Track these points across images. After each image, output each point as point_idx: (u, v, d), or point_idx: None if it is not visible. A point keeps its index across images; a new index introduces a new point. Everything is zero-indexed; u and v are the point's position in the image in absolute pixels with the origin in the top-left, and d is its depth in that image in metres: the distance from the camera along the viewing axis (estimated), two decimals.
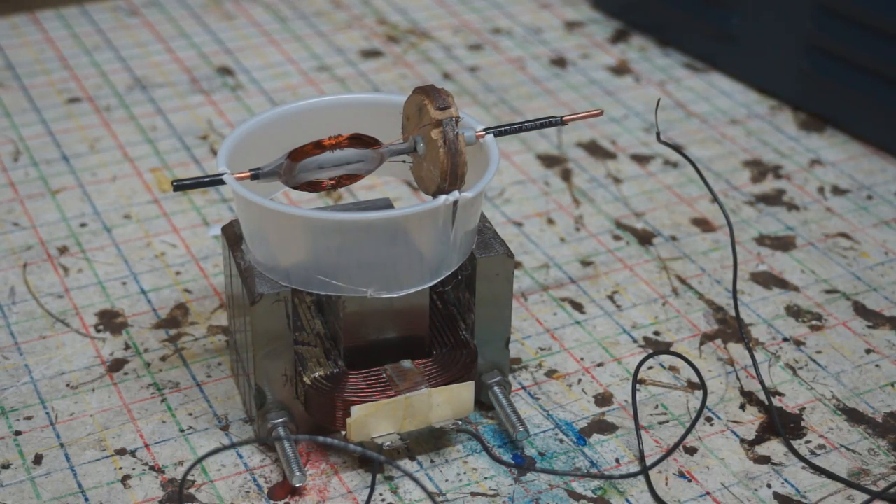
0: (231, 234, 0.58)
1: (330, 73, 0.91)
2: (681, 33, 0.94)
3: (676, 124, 0.85)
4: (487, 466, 0.58)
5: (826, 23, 0.82)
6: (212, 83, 0.89)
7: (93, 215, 0.75)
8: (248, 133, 0.58)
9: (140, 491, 0.56)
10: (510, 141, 0.82)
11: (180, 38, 0.95)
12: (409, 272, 0.55)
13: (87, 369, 0.63)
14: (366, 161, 0.55)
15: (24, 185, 0.78)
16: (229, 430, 0.60)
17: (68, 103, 0.86)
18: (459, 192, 0.54)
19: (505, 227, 0.74)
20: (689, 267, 0.71)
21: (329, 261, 0.54)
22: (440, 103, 0.54)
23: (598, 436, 0.60)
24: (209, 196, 0.77)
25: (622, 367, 0.64)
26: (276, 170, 0.55)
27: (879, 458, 0.59)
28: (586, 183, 0.79)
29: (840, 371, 0.64)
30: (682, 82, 0.90)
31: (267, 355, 0.56)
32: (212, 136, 0.83)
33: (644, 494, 0.56)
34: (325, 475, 0.57)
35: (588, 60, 0.93)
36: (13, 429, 0.60)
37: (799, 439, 0.60)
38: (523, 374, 0.63)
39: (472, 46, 0.95)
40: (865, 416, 0.61)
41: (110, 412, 0.61)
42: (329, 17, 0.99)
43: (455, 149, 0.53)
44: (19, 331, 0.66)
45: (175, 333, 0.66)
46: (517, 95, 0.88)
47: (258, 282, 0.55)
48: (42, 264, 0.71)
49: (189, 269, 0.71)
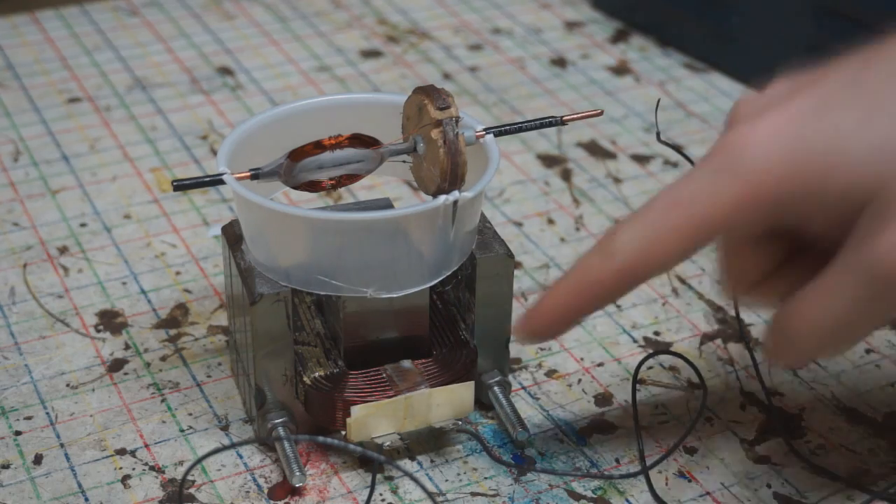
0: (231, 234, 0.58)
1: (330, 73, 0.91)
2: (681, 33, 0.94)
3: (676, 124, 0.85)
4: (487, 466, 0.58)
5: (826, 23, 0.82)
6: (212, 83, 0.89)
7: (93, 215, 0.75)
8: (248, 133, 0.58)
9: (140, 491, 0.56)
10: (510, 141, 0.82)
11: (180, 38, 0.95)
12: (409, 272, 0.55)
13: (87, 369, 0.63)
14: (366, 161, 0.55)
15: (24, 185, 0.78)
16: (229, 430, 0.60)
17: (68, 103, 0.86)
18: (459, 192, 0.54)
19: (505, 227, 0.74)
20: (690, 267, 0.71)
21: (329, 261, 0.54)
22: (440, 103, 0.54)
23: (598, 436, 0.60)
24: (209, 196, 0.77)
25: (622, 367, 0.64)
26: (276, 170, 0.55)
27: (879, 458, 0.59)
28: (586, 183, 0.79)
29: (840, 371, 0.64)
30: (682, 82, 0.90)
31: (267, 355, 0.56)
32: (212, 136, 0.83)
33: (644, 494, 0.56)
34: (325, 475, 0.57)
35: (588, 60, 0.93)
36: (13, 429, 0.60)
37: (799, 439, 0.60)
38: (523, 374, 0.64)
39: (472, 46, 0.95)
40: (865, 416, 0.61)
41: (110, 412, 0.61)
42: (329, 17, 0.99)
43: (455, 149, 0.53)
44: (19, 331, 0.66)
45: (175, 333, 0.66)
46: (517, 95, 0.88)
47: (258, 282, 0.55)
48: (42, 264, 0.71)
49: (189, 269, 0.71)
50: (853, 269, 0.44)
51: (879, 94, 0.44)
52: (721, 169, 0.46)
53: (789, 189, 0.45)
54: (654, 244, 0.47)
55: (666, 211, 0.47)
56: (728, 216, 0.46)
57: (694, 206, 0.46)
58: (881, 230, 0.43)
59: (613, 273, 0.48)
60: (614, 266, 0.48)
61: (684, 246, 0.47)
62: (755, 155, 0.45)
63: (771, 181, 0.45)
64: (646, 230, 0.47)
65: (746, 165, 0.45)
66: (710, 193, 0.46)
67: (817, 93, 0.46)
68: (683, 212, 0.47)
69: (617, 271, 0.48)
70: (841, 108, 0.45)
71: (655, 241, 0.47)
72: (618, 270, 0.48)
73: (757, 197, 0.45)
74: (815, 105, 0.45)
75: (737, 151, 0.45)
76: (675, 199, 0.47)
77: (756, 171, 0.45)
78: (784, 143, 0.45)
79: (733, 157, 0.45)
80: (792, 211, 0.46)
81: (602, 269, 0.49)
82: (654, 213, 0.47)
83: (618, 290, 0.49)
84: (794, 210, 0.46)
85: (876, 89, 0.45)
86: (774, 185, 0.45)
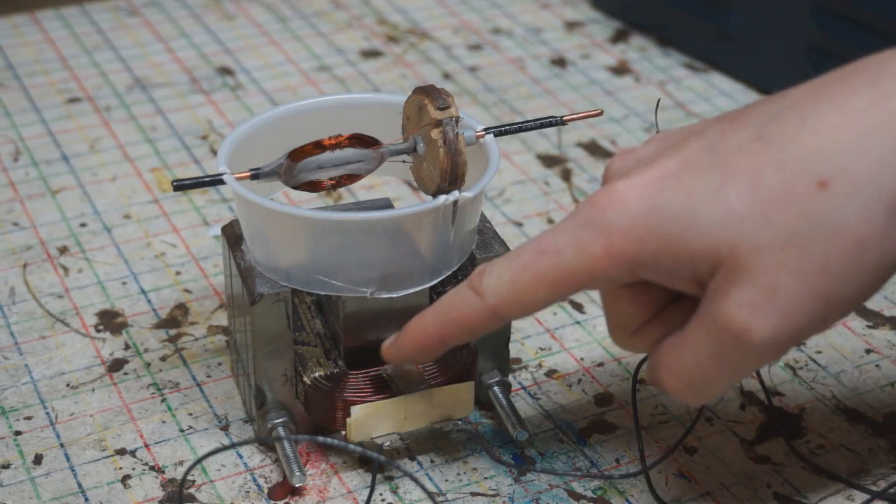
0: (231, 234, 0.58)
1: (330, 73, 0.91)
2: (681, 33, 0.94)
3: (676, 124, 0.85)
4: (487, 466, 0.58)
5: (826, 23, 0.82)
6: (212, 83, 0.89)
7: (93, 215, 0.75)
8: (248, 133, 0.58)
9: (140, 491, 0.56)
10: (510, 141, 0.82)
11: (180, 38, 0.95)
12: (409, 272, 0.55)
13: (87, 369, 0.63)
14: (366, 161, 0.55)
15: (24, 185, 0.78)
16: (229, 430, 0.60)
17: (68, 103, 0.86)
18: (459, 192, 0.54)
19: (505, 227, 0.74)
20: None
21: (329, 261, 0.54)
22: (440, 103, 0.54)
23: (598, 436, 0.60)
24: (209, 196, 0.77)
25: (622, 367, 0.64)
26: (275, 170, 0.55)
27: (879, 458, 0.59)
28: (586, 183, 0.79)
29: (840, 371, 0.64)
30: (682, 82, 0.90)
31: (267, 355, 0.56)
32: (212, 136, 0.83)
33: (644, 494, 0.56)
34: (325, 475, 0.57)
35: (588, 60, 0.93)
36: (13, 429, 0.60)
37: (799, 439, 0.60)
38: (523, 374, 0.64)
39: (472, 46, 0.95)
40: (865, 416, 0.61)
41: (110, 412, 0.61)
42: (329, 17, 0.99)
43: (455, 149, 0.53)
44: (19, 331, 0.66)
45: (175, 333, 0.66)
46: (517, 95, 0.88)
47: (258, 282, 0.55)
48: (42, 264, 0.71)
49: (189, 269, 0.71)
50: (707, 326, 0.47)
51: (731, 162, 0.46)
52: (587, 225, 0.48)
53: (646, 250, 0.47)
54: (520, 288, 0.50)
55: (535, 257, 0.49)
56: (591, 269, 0.48)
57: (560, 255, 0.49)
58: (729, 293, 0.46)
59: (480, 311, 0.51)
60: (482, 305, 0.51)
61: (549, 293, 0.49)
62: (616, 214, 0.47)
63: (629, 240, 0.47)
64: (514, 274, 0.50)
65: (609, 223, 0.47)
66: (576, 247, 0.48)
67: (680, 154, 0.48)
68: (550, 260, 0.49)
69: (484, 309, 0.51)
70: (697, 173, 0.47)
71: (523, 286, 0.50)
72: (485, 308, 0.51)
73: (617, 254, 0.48)
74: (675, 169, 0.47)
75: (601, 209, 0.48)
76: (544, 248, 0.49)
77: (617, 230, 0.47)
78: (642, 205, 0.47)
79: (598, 215, 0.48)
80: (651, 269, 0.48)
81: (471, 306, 0.51)
82: (523, 258, 0.50)
83: (483, 327, 0.51)
84: (653, 268, 0.48)
85: (730, 157, 0.47)
86: (633, 243, 0.47)
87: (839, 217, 0.45)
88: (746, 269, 0.45)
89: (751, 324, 0.45)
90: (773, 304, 0.45)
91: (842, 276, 0.45)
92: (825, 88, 0.47)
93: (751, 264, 0.45)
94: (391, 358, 0.55)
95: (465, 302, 0.51)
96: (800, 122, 0.46)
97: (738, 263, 0.46)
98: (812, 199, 0.45)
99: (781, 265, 0.45)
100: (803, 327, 0.46)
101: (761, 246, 0.45)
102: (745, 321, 0.45)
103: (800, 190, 0.45)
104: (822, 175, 0.45)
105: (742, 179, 0.46)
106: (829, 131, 0.46)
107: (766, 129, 0.47)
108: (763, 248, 0.45)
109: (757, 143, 0.46)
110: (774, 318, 0.45)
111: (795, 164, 0.45)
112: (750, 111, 0.48)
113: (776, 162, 0.46)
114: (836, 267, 0.45)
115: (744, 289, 0.45)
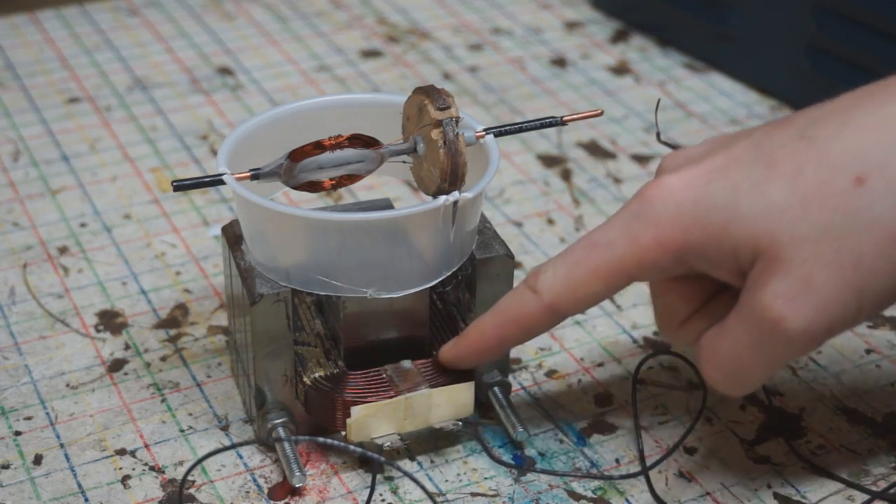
0: (231, 234, 0.58)
1: (330, 73, 0.91)
2: (681, 33, 0.94)
3: (676, 124, 0.85)
4: (487, 466, 0.58)
5: (826, 23, 0.82)
6: (212, 83, 0.89)
7: (93, 215, 0.75)
8: (248, 133, 0.58)
9: (140, 491, 0.56)
10: (510, 141, 0.82)
11: (180, 38, 0.95)
12: (409, 272, 0.55)
13: (87, 369, 0.63)
14: (366, 161, 0.55)
15: (24, 185, 0.78)
16: (229, 431, 0.60)
17: (68, 103, 0.86)
18: (459, 193, 0.54)
19: (505, 227, 0.74)
20: None
21: (329, 261, 0.54)
22: (440, 103, 0.54)
23: (598, 436, 0.60)
24: (209, 196, 0.77)
25: (622, 367, 0.64)
26: (276, 170, 0.55)
27: (879, 459, 0.59)
28: (586, 183, 0.79)
29: (840, 371, 0.64)
30: (682, 82, 0.90)
31: (267, 355, 0.56)
32: (212, 136, 0.83)
33: (644, 494, 0.56)
34: (325, 475, 0.57)
35: (588, 60, 0.93)
36: (13, 429, 0.60)
37: (799, 439, 0.60)
38: (523, 374, 0.64)
39: (472, 46, 0.95)
40: (865, 416, 0.61)
41: (110, 412, 0.61)
42: (329, 17, 0.99)
43: (455, 149, 0.53)
44: (19, 331, 0.66)
45: (175, 333, 0.66)
46: (517, 95, 0.88)
47: (258, 282, 0.55)
48: (42, 264, 0.71)
49: (189, 269, 0.71)
50: (745, 316, 0.49)
51: (775, 158, 0.48)
52: (637, 216, 0.50)
53: (692, 238, 0.49)
54: (576, 284, 0.52)
55: (587, 252, 0.51)
56: (641, 259, 0.50)
57: (611, 248, 0.51)
58: (767, 283, 0.47)
59: (539, 309, 0.53)
60: (539, 303, 0.52)
61: (604, 286, 0.51)
62: (665, 205, 0.49)
63: (677, 229, 0.49)
64: (569, 270, 0.52)
65: (658, 213, 0.50)
66: (627, 238, 0.50)
67: (728, 152, 0.50)
68: (602, 254, 0.51)
69: (542, 307, 0.52)
70: (742, 167, 0.49)
71: (577, 281, 0.52)
72: (543, 306, 0.52)
73: (666, 243, 0.49)
74: (722, 164, 0.49)
75: (651, 200, 0.50)
76: (596, 242, 0.51)
77: (665, 220, 0.49)
78: (690, 196, 0.49)
79: (647, 206, 0.50)
80: (697, 258, 0.50)
81: (529, 305, 0.53)
82: (576, 254, 0.52)
83: (542, 325, 0.53)
84: (699, 257, 0.49)
85: (773, 153, 0.49)
86: (681, 232, 0.49)
87: (874, 212, 0.46)
88: (784, 260, 0.47)
89: (786, 314, 0.47)
90: (808, 296, 0.47)
91: (874, 270, 0.47)
92: (867, 96, 0.49)
93: (788, 256, 0.47)
94: (450, 360, 0.56)
95: (523, 301, 0.53)
96: (842, 123, 0.48)
97: (776, 254, 0.47)
98: (848, 194, 0.47)
99: (816, 257, 0.46)
100: (837, 319, 0.47)
101: (798, 238, 0.47)
102: (780, 311, 0.47)
103: (837, 185, 0.47)
104: (859, 172, 0.47)
105: (784, 174, 0.48)
106: (869, 132, 0.47)
107: (809, 129, 0.48)
108: (799, 241, 0.47)
109: (800, 141, 0.48)
110: (809, 308, 0.47)
111: (835, 160, 0.47)
112: (796, 116, 0.50)
113: (816, 158, 0.47)
114: (869, 260, 0.46)
115: (780, 280, 0.47)
